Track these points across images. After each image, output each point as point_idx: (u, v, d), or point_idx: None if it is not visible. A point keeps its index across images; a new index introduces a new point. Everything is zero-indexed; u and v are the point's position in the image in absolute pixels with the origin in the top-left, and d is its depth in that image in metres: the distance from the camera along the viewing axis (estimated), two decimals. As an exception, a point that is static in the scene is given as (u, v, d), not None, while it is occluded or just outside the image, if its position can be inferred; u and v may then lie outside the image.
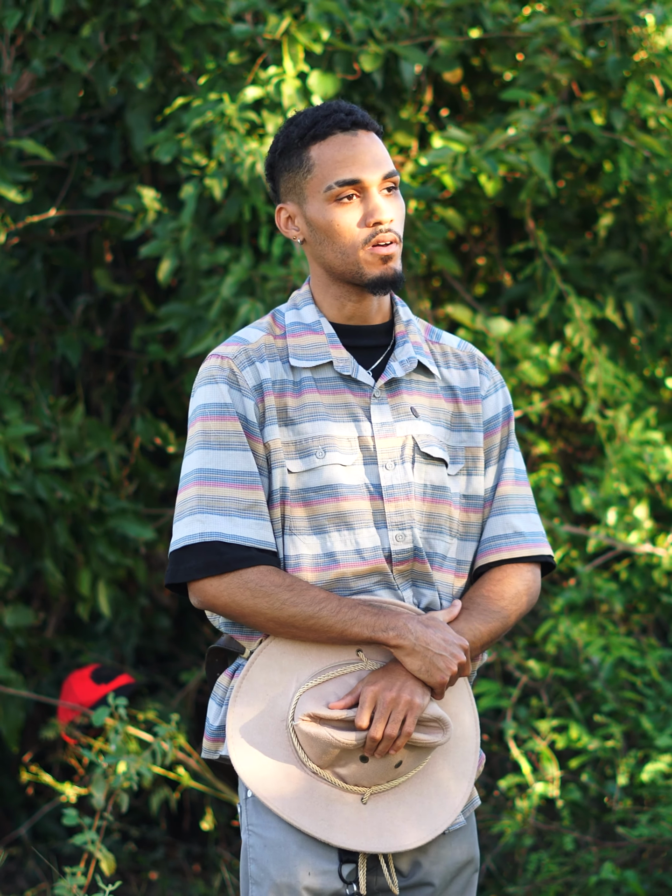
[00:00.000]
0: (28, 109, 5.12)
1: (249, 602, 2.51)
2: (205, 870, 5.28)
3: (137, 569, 5.15)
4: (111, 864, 3.89)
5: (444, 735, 2.54)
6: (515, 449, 2.75)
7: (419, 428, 2.62)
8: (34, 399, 5.01)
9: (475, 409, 2.71)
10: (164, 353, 5.05)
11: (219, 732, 2.62)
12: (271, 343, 2.62)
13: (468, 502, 2.68)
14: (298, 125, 2.60)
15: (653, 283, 5.19)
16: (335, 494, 2.56)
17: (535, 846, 4.60)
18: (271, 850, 2.54)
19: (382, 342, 2.67)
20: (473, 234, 5.46)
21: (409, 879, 2.60)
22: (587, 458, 5.46)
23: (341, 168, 2.56)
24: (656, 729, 4.57)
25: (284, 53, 4.53)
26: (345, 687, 2.53)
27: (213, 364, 2.61)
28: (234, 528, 2.52)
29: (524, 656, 4.83)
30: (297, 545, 2.56)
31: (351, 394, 2.61)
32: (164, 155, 4.64)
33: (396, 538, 2.58)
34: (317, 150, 2.58)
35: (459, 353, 2.74)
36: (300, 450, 2.57)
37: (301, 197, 2.61)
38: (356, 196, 2.58)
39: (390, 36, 4.69)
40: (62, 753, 5.15)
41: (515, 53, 4.88)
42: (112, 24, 4.87)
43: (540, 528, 2.73)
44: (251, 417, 2.57)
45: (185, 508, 2.56)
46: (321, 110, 2.61)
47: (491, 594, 2.65)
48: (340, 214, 2.57)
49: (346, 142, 2.58)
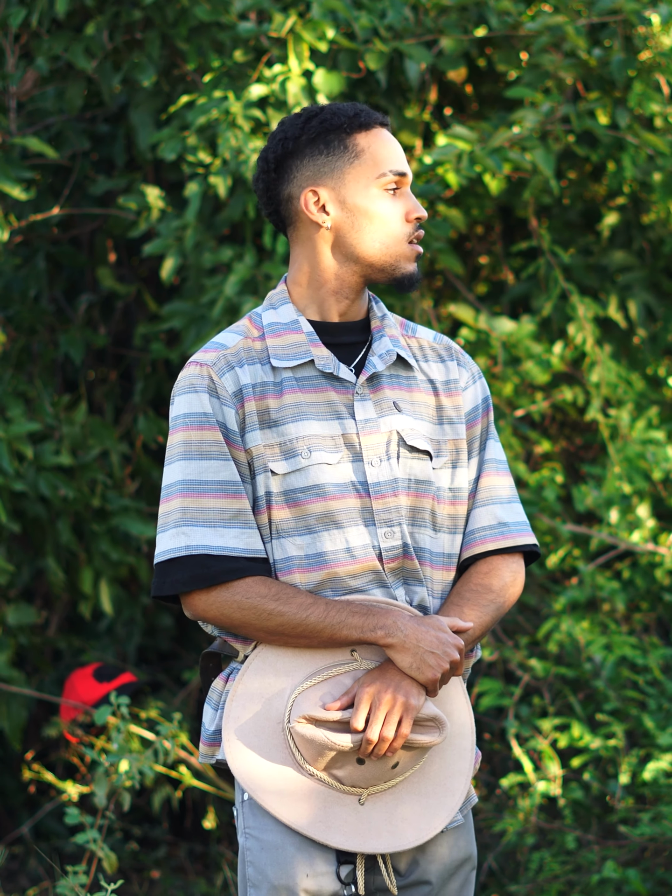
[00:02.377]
0: (32, 108, 5.12)
1: (237, 615, 2.51)
2: (207, 869, 5.28)
3: (140, 567, 5.15)
4: (113, 863, 3.89)
5: (441, 734, 2.53)
6: (495, 439, 2.75)
7: (403, 422, 2.62)
8: (37, 397, 5.02)
9: (456, 402, 2.70)
10: (166, 352, 5.05)
11: (215, 736, 2.61)
12: (249, 346, 2.61)
13: (454, 495, 2.68)
14: (337, 114, 2.61)
15: (656, 283, 5.19)
16: (322, 494, 2.55)
17: (537, 845, 4.60)
18: (269, 853, 2.53)
19: (360, 339, 2.66)
20: (476, 233, 5.45)
21: (407, 878, 2.60)
22: (589, 457, 5.46)
23: (392, 159, 2.60)
24: (658, 728, 4.57)
25: (290, 51, 4.53)
26: (340, 687, 2.52)
27: (192, 372, 2.59)
28: (220, 539, 2.52)
29: (526, 655, 4.83)
30: (285, 548, 2.55)
31: (333, 391, 2.60)
32: (168, 152, 4.64)
33: (385, 535, 2.57)
34: (364, 139, 2.60)
35: (436, 346, 2.74)
36: (285, 451, 2.56)
37: (339, 181, 2.60)
38: (398, 190, 2.61)
39: (395, 34, 4.69)
40: (64, 752, 5.15)
41: (520, 53, 4.88)
42: (116, 22, 4.87)
43: (524, 518, 2.73)
44: (231, 426, 2.56)
45: (169, 520, 2.55)
46: (349, 107, 2.63)
47: (480, 587, 2.64)
48: (390, 204, 2.60)
49: (388, 136, 2.63)
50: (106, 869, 3.90)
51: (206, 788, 4.78)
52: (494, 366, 4.90)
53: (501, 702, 4.68)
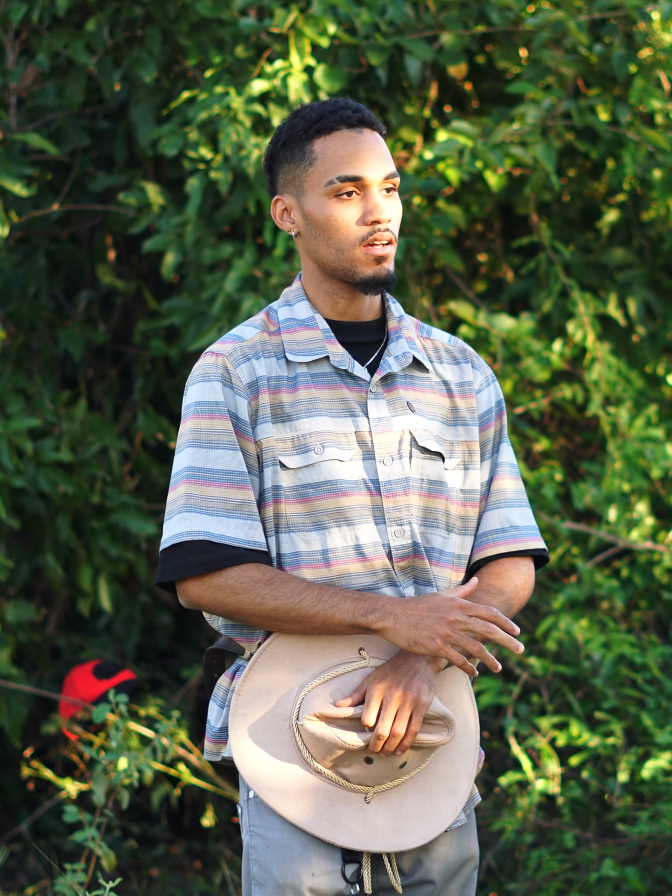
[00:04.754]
0: (32, 104, 5.11)
1: (231, 600, 2.51)
2: (205, 866, 5.28)
3: (138, 565, 5.15)
4: (112, 861, 3.89)
5: (450, 733, 2.53)
6: (508, 443, 2.76)
7: (416, 422, 2.62)
8: (37, 393, 5.01)
9: (469, 404, 2.71)
10: (166, 349, 5.04)
11: (220, 734, 2.60)
12: (266, 340, 2.62)
13: (466, 496, 2.68)
14: (304, 118, 2.60)
15: (656, 280, 5.19)
16: (335, 490, 2.55)
17: (535, 843, 4.60)
18: (274, 851, 2.53)
19: (375, 338, 2.67)
20: (476, 230, 5.45)
21: (411, 878, 2.59)
22: (588, 455, 5.45)
23: (344, 164, 2.56)
24: (657, 726, 4.57)
25: (291, 47, 4.52)
26: (349, 685, 2.51)
27: (207, 361, 2.60)
28: (222, 528, 2.52)
29: (525, 653, 4.83)
30: (294, 542, 2.55)
31: (347, 389, 2.60)
32: (169, 148, 4.63)
33: (395, 534, 2.57)
34: (321, 144, 2.57)
35: (451, 348, 2.74)
36: (297, 445, 2.56)
37: (300, 189, 2.60)
38: (356, 193, 2.57)
39: (396, 30, 4.69)
40: (63, 749, 5.15)
41: (521, 49, 4.88)
42: (117, 18, 4.86)
43: (534, 522, 2.74)
44: (242, 416, 2.56)
45: (174, 507, 2.56)
46: (328, 105, 2.61)
47: (491, 588, 2.64)
48: (339, 210, 2.57)
49: (350, 138, 2.58)
50: (104, 867, 3.90)
51: (204, 786, 4.78)
52: (494, 363, 4.90)
53: (500, 700, 4.68)
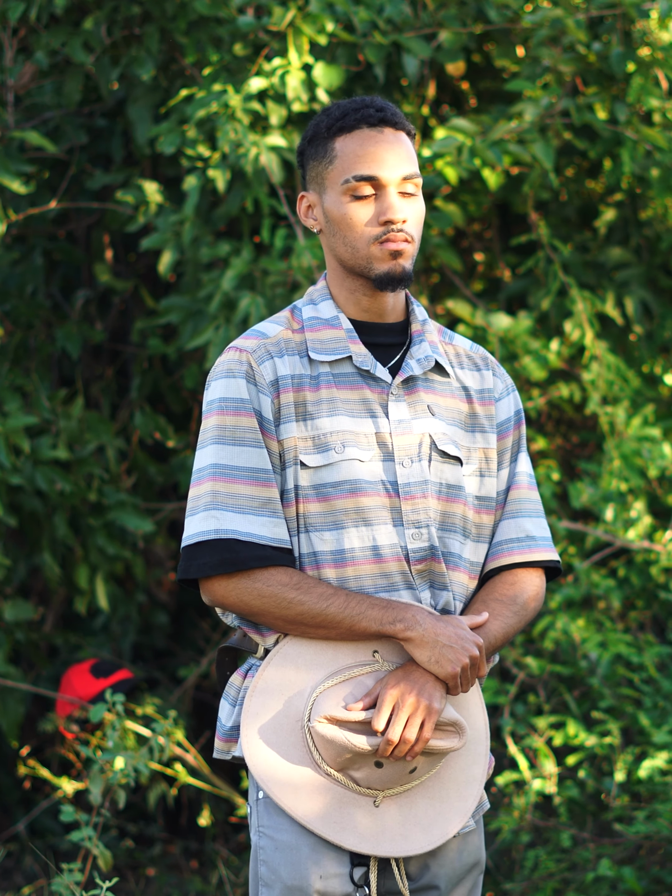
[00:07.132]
0: (30, 102, 5.10)
1: (257, 602, 2.51)
2: (202, 866, 5.27)
3: (135, 565, 5.14)
4: (108, 861, 3.88)
5: (461, 740, 2.53)
6: (526, 453, 2.76)
7: (436, 426, 2.62)
8: (34, 391, 5.01)
9: (489, 411, 2.71)
10: (163, 347, 5.03)
11: (232, 733, 2.60)
12: (289, 337, 2.62)
13: (481, 503, 2.68)
14: (329, 115, 2.62)
15: (653, 279, 5.19)
16: (354, 490, 2.55)
17: (532, 843, 4.60)
18: (283, 853, 2.52)
19: (398, 340, 2.67)
20: (473, 230, 5.45)
21: (417, 882, 2.59)
22: (585, 454, 5.45)
23: (361, 163, 2.57)
24: (654, 725, 4.56)
25: (289, 45, 4.52)
26: (362, 688, 2.51)
27: (231, 357, 2.60)
28: (249, 526, 2.51)
29: (521, 653, 4.83)
30: (313, 542, 2.55)
31: (369, 390, 2.60)
32: (167, 146, 4.63)
33: (413, 536, 2.57)
34: (341, 143, 2.59)
35: (473, 354, 2.75)
36: (318, 444, 2.56)
37: (322, 187, 2.62)
38: (373, 193, 2.58)
39: (394, 27, 4.68)
40: (60, 748, 5.14)
41: (519, 47, 4.87)
42: (115, 17, 4.86)
43: (549, 533, 2.74)
44: (267, 414, 2.56)
45: (199, 504, 2.55)
46: (353, 104, 2.63)
47: (505, 598, 2.65)
48: (354, 209, 2.58)
49: (369, 137, 2.59)
50: (101, 866, 3.89)
51: (201, 786, 4.77)
52: (491, 362, 4.89)
53: (497, 700, 4.67)
